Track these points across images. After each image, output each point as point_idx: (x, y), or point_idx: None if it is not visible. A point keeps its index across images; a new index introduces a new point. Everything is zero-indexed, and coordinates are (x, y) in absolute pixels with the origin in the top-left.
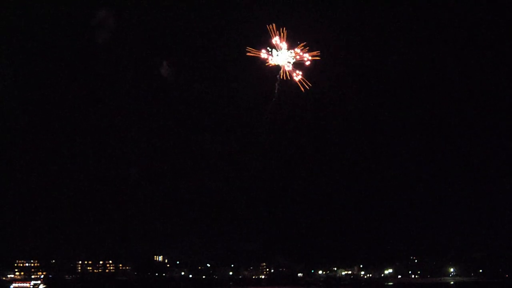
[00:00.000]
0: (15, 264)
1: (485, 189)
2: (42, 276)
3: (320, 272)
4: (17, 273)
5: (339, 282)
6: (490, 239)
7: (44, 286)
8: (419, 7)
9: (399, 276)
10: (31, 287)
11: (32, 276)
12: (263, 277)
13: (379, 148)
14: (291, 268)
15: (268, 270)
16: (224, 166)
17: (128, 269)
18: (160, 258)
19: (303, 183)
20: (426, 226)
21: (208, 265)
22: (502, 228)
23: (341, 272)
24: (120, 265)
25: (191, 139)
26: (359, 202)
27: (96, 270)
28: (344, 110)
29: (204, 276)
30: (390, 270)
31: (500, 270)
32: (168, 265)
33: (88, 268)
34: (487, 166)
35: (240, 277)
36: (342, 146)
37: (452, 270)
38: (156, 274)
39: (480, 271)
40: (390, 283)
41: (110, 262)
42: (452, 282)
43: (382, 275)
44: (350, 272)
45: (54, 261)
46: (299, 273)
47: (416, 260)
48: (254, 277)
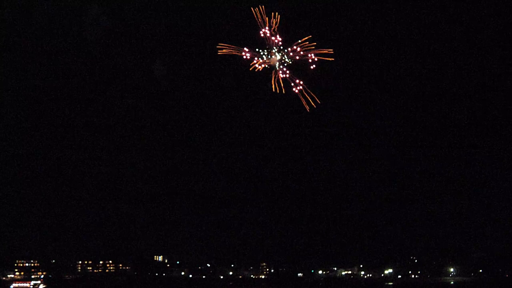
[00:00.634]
0: (15, 264)
1: (485, 189)
2: (42, 276)
3: (320, 272)
4: (17, 273)
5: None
6: (490, 239)
7: (44, 286)
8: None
9: (399, 276)
10: (31, 287)
11: (32, 276)
12: (263, 277)
13: (379, 148)
14: (291, 268)
15: (268, 270)
16: (224, 166)
17: (128, 269)
18: (160, 258)
19: (303, 182)
20: (426, 226)
21: (208, 265)
22: (502, 228)
23: (341, 272)
24: (120, 265)
25: (191, 138)
26: (359, 202)
27: (96, 270)
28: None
29: (204, 276)
30: (390, 270)
31: (500, 270)
32: (168, 265)
33: (88, 268)
34: (487, 166)
35: (240, 277)
36: (342, 145)
37: (452, 270)
38: (156, 274)
39: (480, 271)
40: (390, 283)
41: (110, 262)
42: (452, 282)
43: (382, 275)
44: (350, 272)
45: (54, 261)
46: (299, 273)
47: (416, 260)
48: (254, 277)
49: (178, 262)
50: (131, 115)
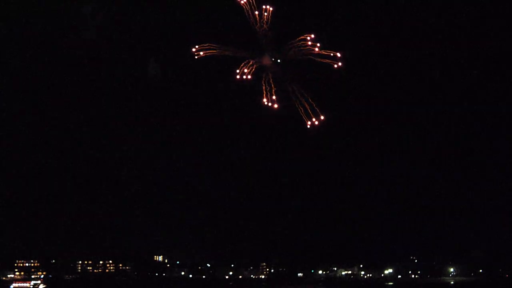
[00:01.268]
0: (15, 264)
1: (485, 189)
2: (42, 276)
3: (320, 272)
4: (17, 273)
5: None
6: (490, 239)
7: (44, 286)
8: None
9: (399, 276)
10: (31, 287)
11: (32, 276)
12: (263, 277)
13: (379, 147)
14: (291, 268)
15: (268, 270)
16: (224, 166)
17: (128, 269)
18: (160, 258)
19: (302, 182)
20: (426, 226)
21: (208, 265)
22: (502, 228)
23: (341, 272)
24: (120, 265)
25: (192, 138)
26: (359, 202)
27: (96, 270)
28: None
29: (204, 276)
30: (390, 270)
31: (500, 270)
32: (168, 265)
33: (88, 268)
34: (487, 165)
35: (240, 277)
36: (341, 145)
37: (452, 270)
38: (156, 274)
39: (480, 271)
40: (390, 283)
41: (110, 262)
42: (452, 282)
43: (382, 275)
44: (350, 272)
45: (54, 261)
46: (299, 273)
47: (416, 260)
48: (254, 277)
49: (178, 262)
50: (129, 114)
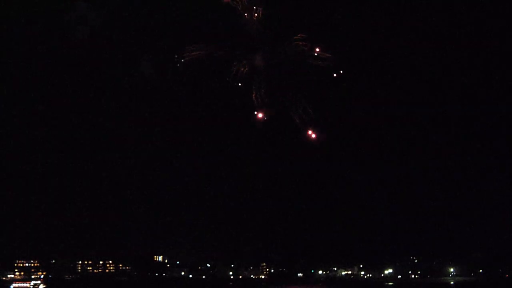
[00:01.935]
0: (15, 264)
1: (485, 189)
2: (42, 276)
3: (320, 272)
4: (17, 273)
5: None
6: (490, 239)
7: (44, 286)
8: None
9: (399, 276)
10: (31, 287)
11: (32, 276)
12: (263, 277)
13: (379, 147)
14: (291, 268)
15: (268, 270)
16: (224, 166)
17: (128, 269)
18: (160, 258)
19: (302, 182)
20: (426, 226)
21: (208, 265)
22: (502, 228)
23: (341, 272)
24: (120, 265)
25: (191, 138)
26: (359, 202)
27: (96, 270)
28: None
29: (204, 276)
30: (390, 270)
31: (500, 270)
32: (168, 265)
33: (88, 268)
34: (487, 165)
35: (240, 277)
36: (341, 144)
37: (452, 270)
38: (156, 274)
39: (480, 271)
40: (390, 283)
41: (110, 262)
42: (452, 282)
43: (382, 275)
44: (350, 272)
45: (54, 261)
46: (299, 273)
47: (416, 260)
48: (254, 277)
49: (178, 262)
50: (129, 114)
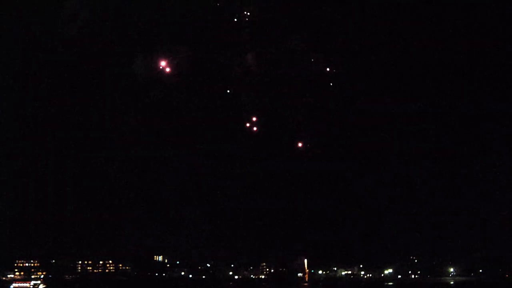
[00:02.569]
0: (15, 264)
1: (485, 189)
2: (42, 276)
3: (320, 272)
4: (17, 273)
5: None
6: (490, 239)
7: (44, 286)
8: None
9: (399, 276)
10: (31, 287)
11: (32, 276)
12: (263, 277)
13: (379, 147)
14: (291, 268)
15: (268, 270)
16: (224, 166)
17: (128, 269)
18: (160, 258)
19: (302, 182)
20: (426, 226)
21: (208, 265)
22: (502, 228)
23: (341, 272)
24: (120, 265)
25: (190, 138)
26: (359, 202)
27: (96, 270)
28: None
29: (204, 276)
30: (390, 270)
31: (500, 270)
32: (168, 265)
33: (88, 268)
34: (487, 165)
35: (240, 277)
36: (341, 144)
37: (452, 270)
38: (156, 274)
39: (480, 271)
40: (390, 283)
41: (110, 262)
42: (452, 282)
43: (382, 275)
44: (350, 272)
45: (54, 261)
46: (299, 273)
47: (416, 260)
48: (254, 277)
49: (178, 262)
50: (129, 114)
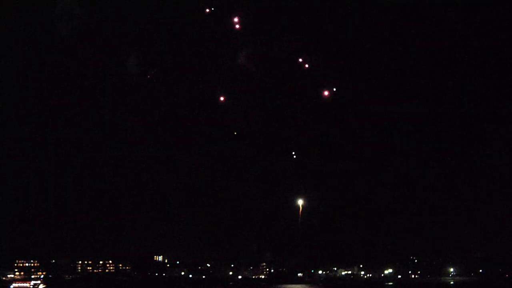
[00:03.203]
0: (15, 264)
1: (485, 188)
2: (42, 276)
3: (320, 272)
4: (17, 273)
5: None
6: (490, 239)
7: (44, 286)
8: None
9: (399, 276)
10: (31, 287)
11: (32, 276)
12: (263, 277)
13: (379, 147)
14: (291, 268)
15: (268, 270)
16: (224, 165)
17: (128, 269)
18: (160, 258)
19: (302, 182)
20: (426, 226)
21: (208, 265)
22: (502, 228)
23: (341, 272)
24: (120, 265)
25: (190, 138)
26: (358, 201)
27: (96, 270)
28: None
29: (204, 276)
30: (390, 270)
31: (500, 270)
32: (168, 265)
33: (88, 268)
34: (487, 165)
35: (240, 277)
36: (340, 144)
37: (452, 270)
38: (156, 274)
39: (480, 271)
40: (390, 283)
41: (110, 262)
42: (452, 282)
43: (382, 275)
44: (350, 272)
45: (54, 261)
46: (299, 273)
47: (416, 260)
48: (254, 277)
49: (178, 262)
50: (128, 114)
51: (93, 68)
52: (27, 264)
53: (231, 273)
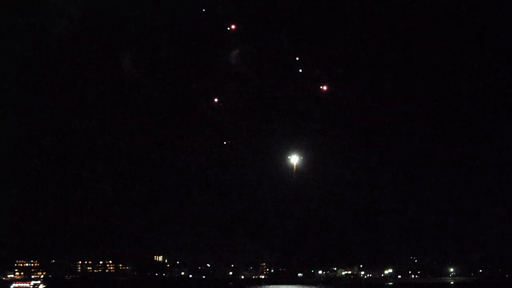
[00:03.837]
0: (15, 264)
1: (485, 189)
2: (42, 276)
3: (320, 272)
4: (17, 273)
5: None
6: (490, 239)
7: (44, 286)
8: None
9: (399, 276)
10: (31, 287)
11: (32, 276)
12: (263, 277)
13: (379, 148)
14: (291, 268)
15: (268, 270)
16: (224, 165)
17: (128, 269)
18: (160, 258)
19: (301, 182)
20: (426, 226)
21: (208, 265)
22: (502, 228)
23: (341, 272)
24: (120, 265)
25: (190, 138)
26: (359, 201)
27: (96, 270)
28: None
29: (204, 276)
30: (390, 270)
31: (500, 270)
32: (168, 265)
33: (88, 268)
34: (487, 165)
35: (240, 277)
36: (340, 143)
37: (452, 270)
38: (156, 274)
39: (480, 271)
40: (390, 283)
41: (110, 262)
42: (452, 282)
43: (382, 275)
44: (350, 272)
45: (54, 261)
46: (299, 273)
47: (416, 260)
48: (254, 277)
49: (178, 262)
50: (128, 114)
51: (91, 68)
52: (27, 264)
53: (231, 273)
